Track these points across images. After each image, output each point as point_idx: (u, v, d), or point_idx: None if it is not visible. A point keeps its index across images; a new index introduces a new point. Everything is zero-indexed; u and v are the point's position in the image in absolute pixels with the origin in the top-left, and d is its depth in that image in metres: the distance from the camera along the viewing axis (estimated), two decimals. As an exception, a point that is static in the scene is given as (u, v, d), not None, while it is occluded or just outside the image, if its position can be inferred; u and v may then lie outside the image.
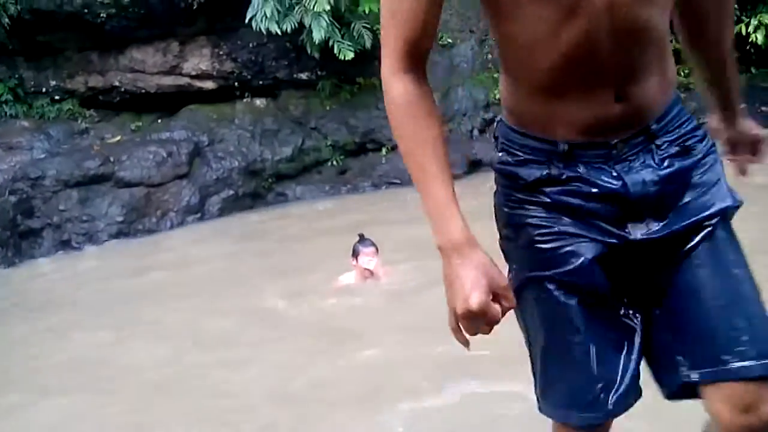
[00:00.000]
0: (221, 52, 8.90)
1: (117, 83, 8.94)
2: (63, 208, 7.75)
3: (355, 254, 4.93)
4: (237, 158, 8.54)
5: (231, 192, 8.36)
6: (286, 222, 7.74)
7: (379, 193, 8.53)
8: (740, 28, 8.59)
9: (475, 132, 9.23)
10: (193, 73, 8.93)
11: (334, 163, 8.90)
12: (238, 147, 8.64)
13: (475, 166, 8.88)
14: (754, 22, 8.49)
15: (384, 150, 9.04)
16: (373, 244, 4.96)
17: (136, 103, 9.06)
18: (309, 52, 8.36)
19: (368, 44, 8.27)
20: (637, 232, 1.31)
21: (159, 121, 9.04)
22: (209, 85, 9.02)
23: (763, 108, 9.40)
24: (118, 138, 8.75)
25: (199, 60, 8.93)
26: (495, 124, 1.51)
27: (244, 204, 8.41)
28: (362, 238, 5.02)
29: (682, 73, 9.36)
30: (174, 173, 8.21)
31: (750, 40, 8.60)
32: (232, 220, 8.10)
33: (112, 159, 8.19)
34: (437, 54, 9.35)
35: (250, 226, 7.83)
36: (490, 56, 9.45)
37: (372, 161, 9.00)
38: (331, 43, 8.10)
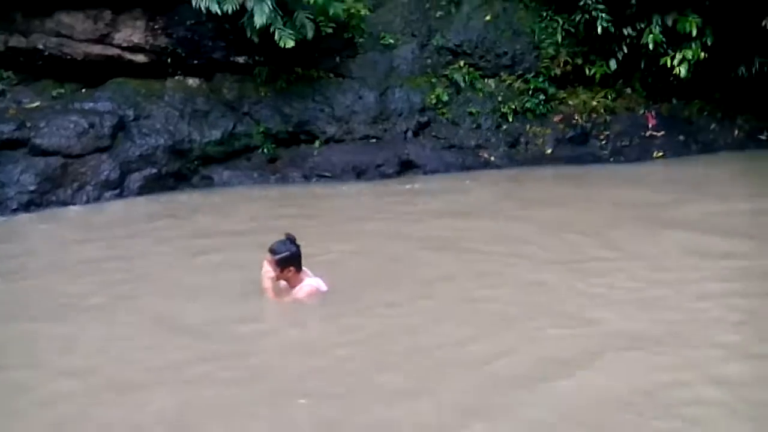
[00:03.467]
0: (156, 26, 8.60)
1: (41, 47, 8.48)
2: (-30, 171, 7.29)
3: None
4: (163, 136, 8.26)
5: (154, 170, 8.08)
6: (210, 205, 7.57)
7: (309, 186, 8.45)
8: (665, 61, 9.05)
9: (410, 134, 9.30)
10: (125, 44, 8.59)
11: (265, 150, 8.76)
12: (165, 125, 8.37)
13: (406, 167, 8.94)
14: (678, 56, 8.96)
15: (317, 142, 8.97)
16: (279, 251, 4.38)
17: (59, 69, 8.63)
18: (248, 35, 8.20)
19: (310, 34, 8.20)
20: None
21: (83, 90, 8.64)
22: (140, 58, 8.69)
23: (680, 137, 9.94)
24: (37, 104, 8.31)
25: (132, 32, 8.60)
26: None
27: (167, 184, 8.14)
28: (287, 238, 4.48)
29: (609, 97, 9.81)
30: (95, 145, 7.86)
31: (674, 72, 9.06)
32: (153, 199, 7.81)
33: (28, 125, 7.78)
34: (378, 53, 9.39)
35: (170, 207, 7.59)
36: (429, 61, 9.57)
37: (304, 152, 8.91)
38: (272, 29, 7.98)
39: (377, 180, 8.62)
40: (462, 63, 9.57)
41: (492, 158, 9.28)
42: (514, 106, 9.57)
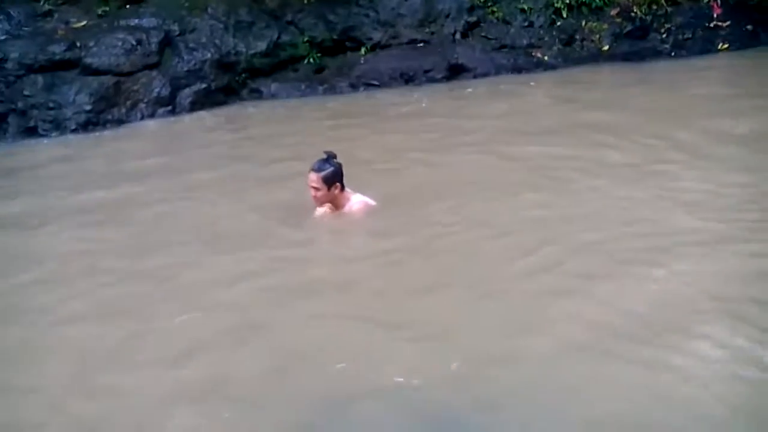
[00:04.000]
0: (194, -65, 8.36)
1: (82, -38, 8.38)
2: (28, 93, 7.45)
3: None
4: (210, 50, 8.21)
5: (203, 85, 8.09)
6: (263, 118, 7.59)
7: (356, 95, 8.34)
8: None
9: (458, 35, 8.98)
10: (164, -44, 8.40)
11: (311, 60, 8.63)
12: (211, 38, 8.29)
13: (456, 71, 8.70)
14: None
15: (363, 50, 8.77)
16: (320, 170, 4.28)
17: (102, -15, 8.55)
18: (288, -61, 7.90)
19: (351, -66, 7.84)
20: None
21: (127, 6, 8.57)
22: (181, -31, 8.51)
23: (748, 26, 9.29)
24: (84, 23, 8.31)
25: (170, -58, 8.39)
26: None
27: (216, 98, 8.16)
28: (328, 157, 4.34)
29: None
30: (144, 62, 7.88)
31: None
32: (205, 114, 7.88)
33: (78, 44, 7.82)
34: (423, -50, 8.94)
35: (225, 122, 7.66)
36: (478, -44, 9.08)
37: (350, 61, 8.74)
38: (312, -70, 7.66)
39: (426, 85, 8.45)
40: (512, -45, 9.06)
41: (545, 58, 8.93)
42: (568, 1, 9.08)
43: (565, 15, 9.10)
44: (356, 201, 4.47)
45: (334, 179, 4.34)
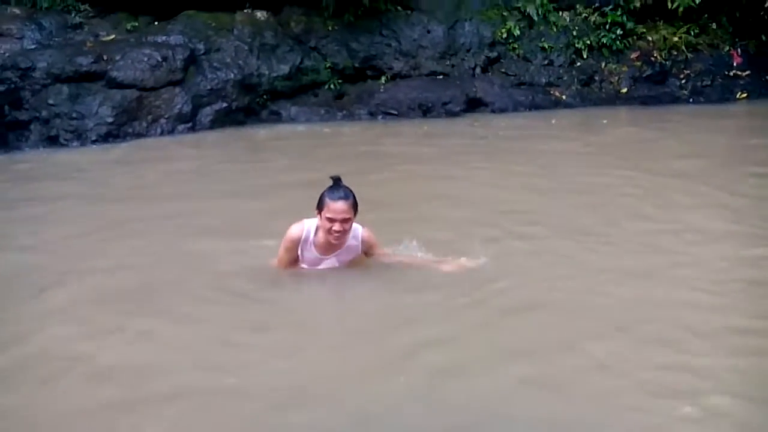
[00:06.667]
0: (225, -42, 8.55)
1: (115, -22, 8.59)
2: (52, 103, 7.59)
3: (320, 206, 3.50)
4: (233, 70, 8.35)
5: (224, 104, 8.21)
6: (281, 142, 7.67)
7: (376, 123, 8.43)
8: None
9: (478, 70, 9.08)
10: (195, -24, 8.60)
11: (332, 86, 8.74)
12: (235, 59, 8.43)
13: (473, 105, 8.78)
14: None
15: (383, 78, 8.88)
16: (348, 197, 3.45)
17: (132, 2, 8.74)
18: (317, -33, 8.07)
19: (378, -34, 8.00)
20: None
21: (156, 23, 8.75)
22: (210, -10, 8.70)
23: (768, 76, 9.32)
24: (113, 36, 8.49)
25: (201, -37, 8.58)
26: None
27: (236, 118, 8.27)
28: (336, 183, 3.52)
29: (691, 33, 9.23)
30: (168, 78, 8.02)
31: (766, 5, 8.42)
32: (224, 133, 7.99)
33: (105, 57, 7.97)
34: (447, -16, 9.09)
35: (244, 142, 7.75)
36: (501, -8, 9.21)
37: (370, 88, 8.85)
38: (340, -40, 7.82)
39: (443, 118, 8.53)
40: (536, -6, 9.19)
41: (564, 97, 9.00)
42: (589, 42, 9.18)
43: (585, 56, 9.18)
44: (356, 226, 3.62)
45: (357, 204, 3.54)
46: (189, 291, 3.71)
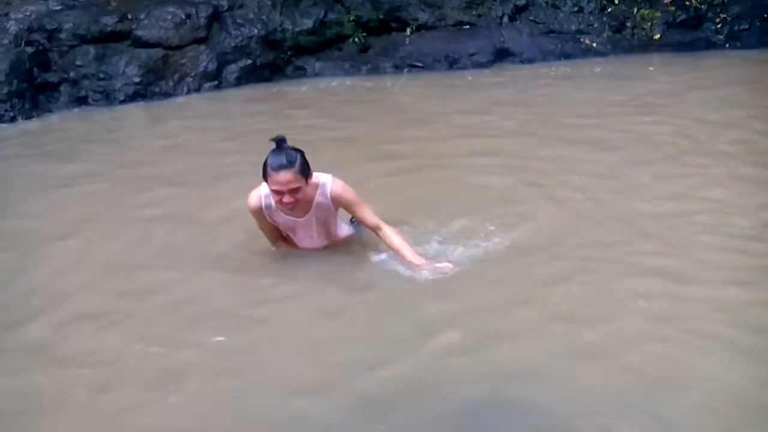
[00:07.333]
0: None
1: (135, -66, 8.48)
2: (80, 64, 7.63)
3: (265, 176, 3.17)
4: (257, 26, 8.27)
5: (249, 61, 8.17)
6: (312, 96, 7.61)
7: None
8: None
9: (505, 19, 8.86)
10: (215, -71, 8.44)
11: (356, 40, 8.62)
12: (258, 14, 8.34)
13: (501, 55, 8.60)
14: None
15: (408, 30, 8.73)
16: (293, 164, 3.09)
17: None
18: None
19: None
20: None
21: (178, -21, 8.66)
22: (231, -56, 8.55)
23: None
24: (136, -6, 8.44)
25: None
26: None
27: (262, 75, 8.23)
28: (279, 146, 3.15)
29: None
30: (192, 36, 7.99)
31: None
32: (250, 90, 7.97)
33: (129, 16, 7.95)
34: (473, -70, 8.79)
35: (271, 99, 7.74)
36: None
37: (395, 41, 8.71)
38: None
39: (470, 69, 8.37)
40: (566, -63, 8.85)
41: (594, 45, 8.75)
42: (620, -14, 8.86)
43: (616, 1, 8.89)
44: (324, 181, 3.32)
45: (307, 166, 3.20)
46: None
